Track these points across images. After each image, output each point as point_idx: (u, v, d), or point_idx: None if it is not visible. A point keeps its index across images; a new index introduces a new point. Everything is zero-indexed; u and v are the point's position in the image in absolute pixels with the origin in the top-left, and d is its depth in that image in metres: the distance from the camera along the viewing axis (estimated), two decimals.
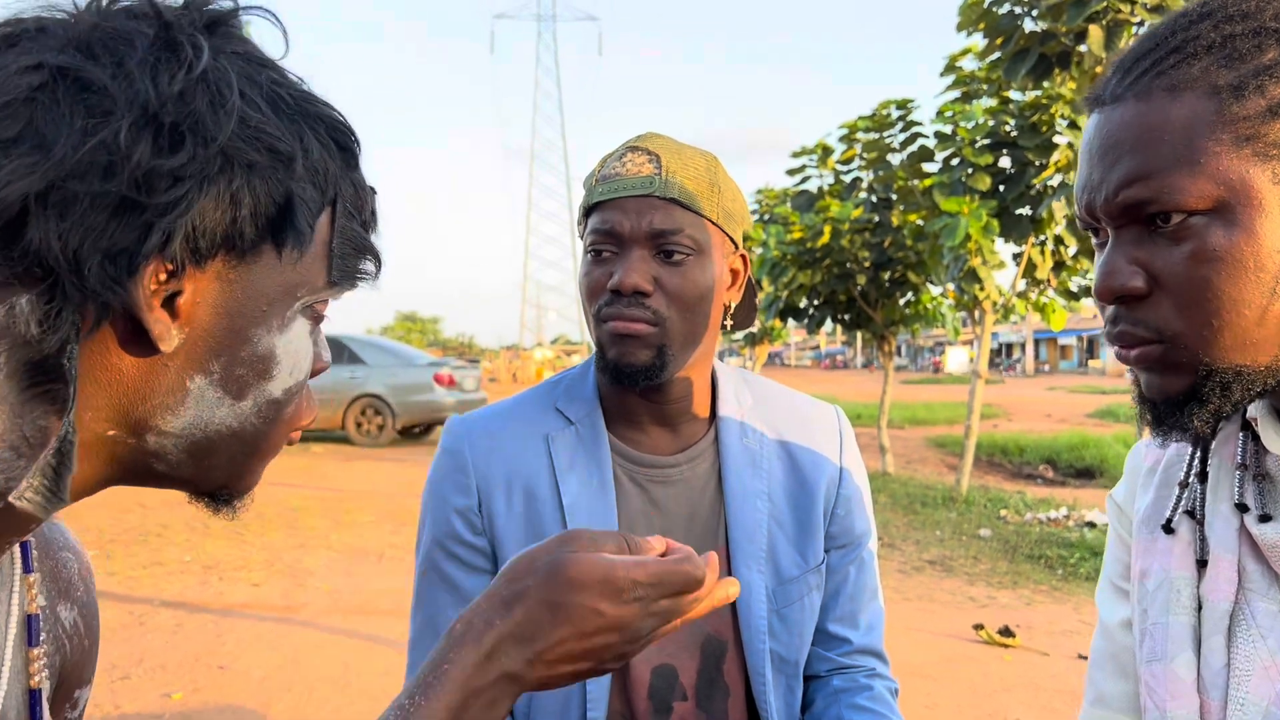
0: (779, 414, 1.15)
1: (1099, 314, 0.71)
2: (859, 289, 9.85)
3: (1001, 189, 7.55)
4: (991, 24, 6.31)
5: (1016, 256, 7.81)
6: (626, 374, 1.01)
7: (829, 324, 10.96)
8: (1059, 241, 7.60)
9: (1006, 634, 4.42)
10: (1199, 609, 0.73)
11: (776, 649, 1.07)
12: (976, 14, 6.35)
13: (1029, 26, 6.19)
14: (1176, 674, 0.72)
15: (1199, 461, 0.76)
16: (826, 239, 9.47)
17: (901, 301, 10.00)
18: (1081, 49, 5.82)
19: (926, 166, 8.71)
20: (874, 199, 9.59)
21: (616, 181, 1.02)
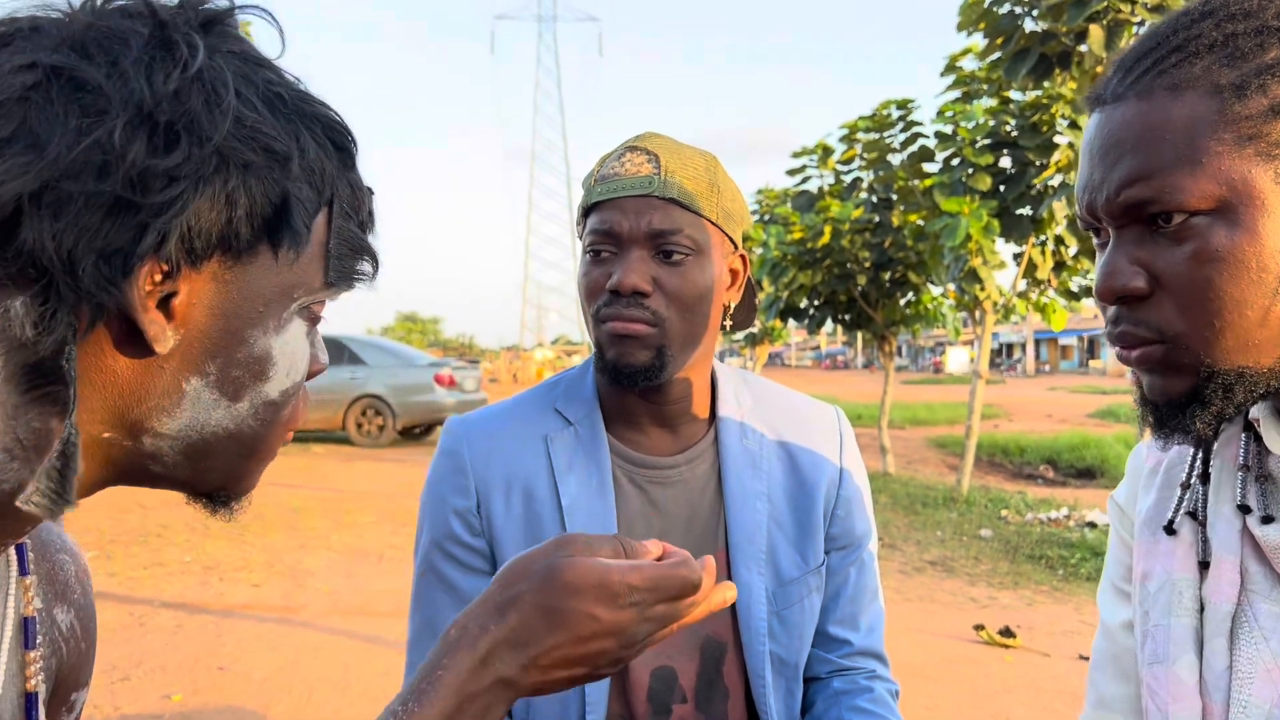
0: (779, 415, 1.15)
1: (1100, 314, 0.71)
2: (859, 289, 9.85)
3: (1002, 189, 7.55)
4: (992, 24, 6.31)
5: (1017, 256, 7.80)
6: (625, 375, 1.00)
7: (829, 324, 10.96)
8: (1059, 241, 7.60)
9: (1007, 635, 4.41)
10: (1201, 611, 0.73)
11: (776, 651, 1.06)
12: (977, 14, 6.35)
13: (1029, 26, 6.18)
14: (1178, 676, 0.72)
15: (1201, 463, 0.76)
16: (827, 239, 9.46)
17: (902, 302, 10.00)
18: (1082, 49, 5.81)
19: (927, 166, 8.71)
20: (874, 199, 9.58)
21: (615, 181, 1.01)
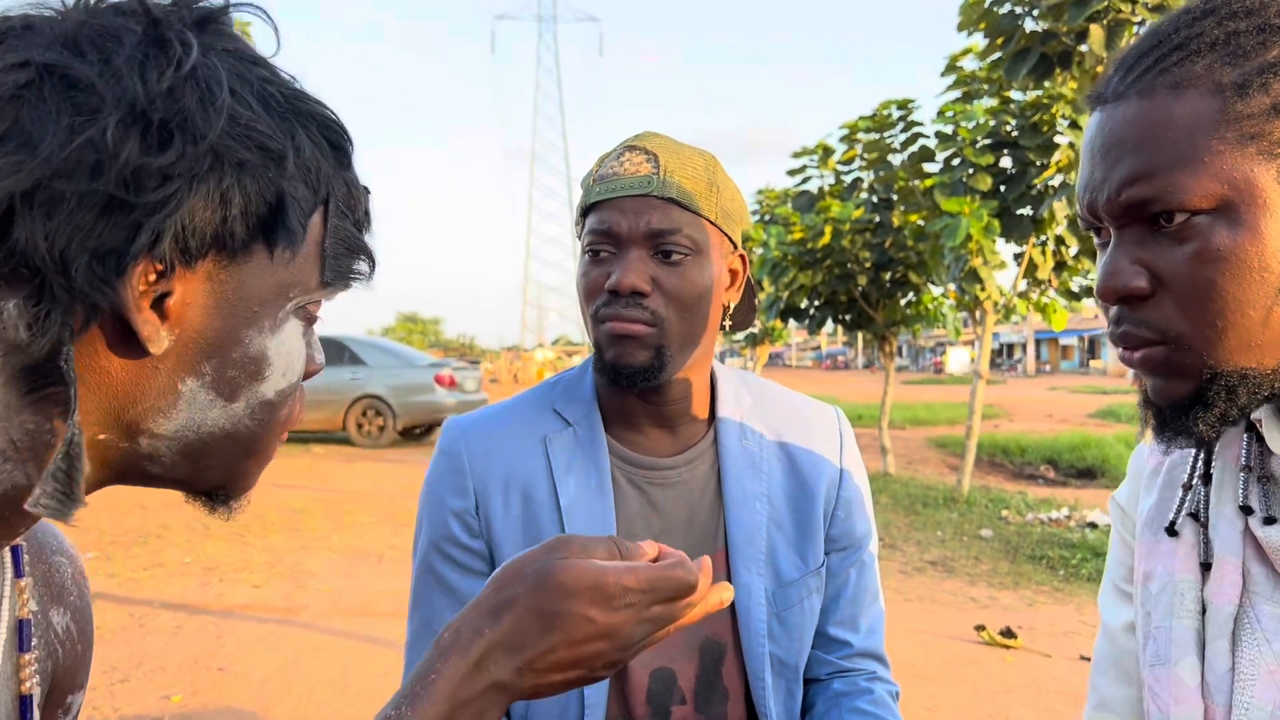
0: (778, 415, 1.15)
1: (1100, 314, 0.71)
2: (860, 289, 9.84)
3: (1002, 189, 7.54)
4: (992, 24, 6.31)
5: (1018, 256, 7.80)
6: (624, 375, 1.00)
7: (830, 324, 10.95)
8: (1060, 241, 7.59)
9: (1008, 635, 4.41)
10: (1203, 612, 0.72)
11: (776, 652, 1.06)
12: (977, 14, 6.35)
13: (1030, 26, 6.18)
14: (1180, 678, 0.71)
15: (1203, 463, 0.76)
16: (827, 239, 9.45)
17: (902, 302, 9.99)
18: (1083, 49, 5.81)
19: (927, 167, 8.70)
20: (875, 199, 9.58)
21: (614, 181, 1.01)
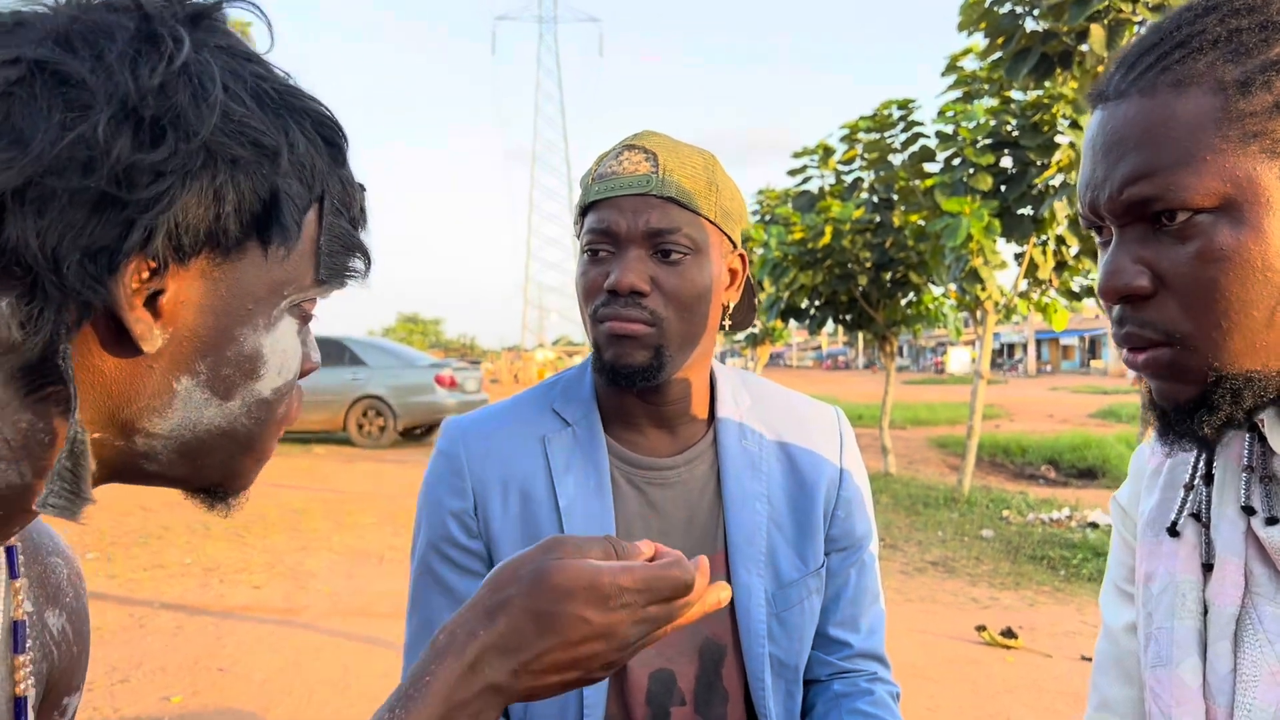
0: (778, 415, 1.14)
1: (1101, 314, 0.70)
2: (860, 289, 9.84)
3: (1003, 189, 7.54)
4: (993, 24, 6.31)
5: (1018, 256, 7.80)
6: (623, 375, 0.99)
7: (830, 325, 10.94)
8: (1061, 241, 7.59)
9: (1009, 635, 4.40)
10: (1205, 613, 0.72)
11: (776, 653, 1.06)
12: (978, 14, 6.34)
13: (1030, 26, 6.18)
14: (1182, 679, 0.71)
15: (1204, 463, 0.75)
16: (828, 239, 9.45)
17: (903, 302, 9.99)
18: (1083, 48, 5.81)
19: (928, 166, 8.70)
20: (875, 199, 9.58)
21: (613, 180, 1.00)
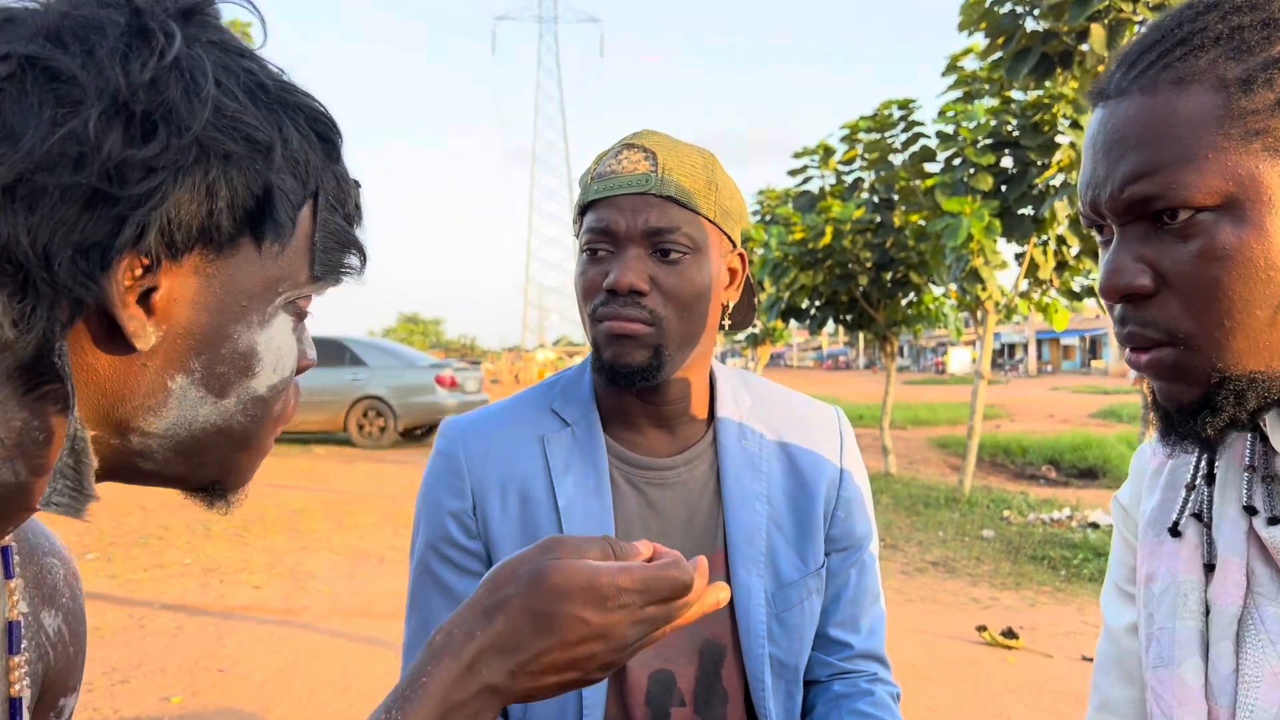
0: (778, 415, 1.14)
1: (1102, 314, 0.70)
2: (861, 290, 9.84)
3: (1004, 189, 7.53)
4: (993, 23, 6.30)
5: (1019, 256, 7.79)
6: (623, 375, 0.99)
7: (831, 325, 10.94)
8: (1061, 241, 7.58)
9: (1010, 635, 4.40)
10: (1207, 613, 0.71)
11: (776, 654, 1.05)
12: (978, 13, 6.34)
13: (1031, 26, 6.18)
14: (1184, 680, 0.70)
15: (1206, 463, 0.75)
16: (828, 240, 9.45)
17: (904, 302, 9.99)
18: (1084, 48, 5.81)
19: (928, 166, 8.70)
20: (876, 199, 9.58)
21: (612, 179, 1.00)
